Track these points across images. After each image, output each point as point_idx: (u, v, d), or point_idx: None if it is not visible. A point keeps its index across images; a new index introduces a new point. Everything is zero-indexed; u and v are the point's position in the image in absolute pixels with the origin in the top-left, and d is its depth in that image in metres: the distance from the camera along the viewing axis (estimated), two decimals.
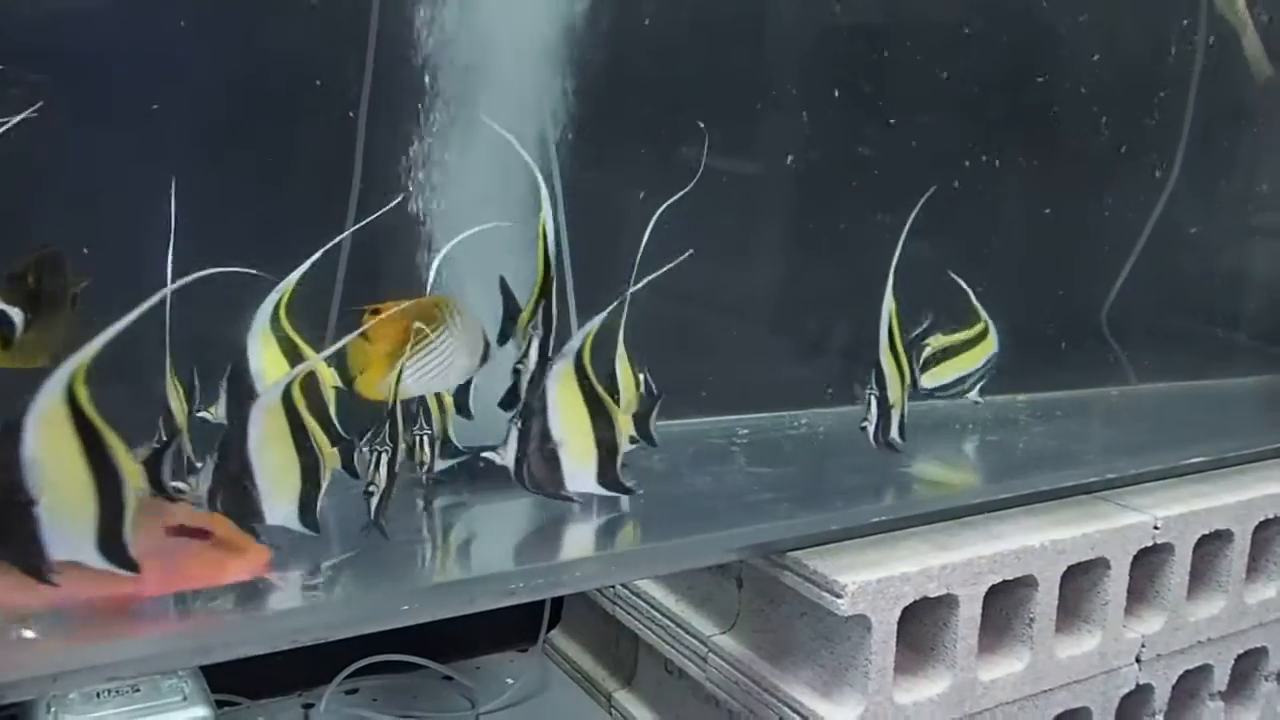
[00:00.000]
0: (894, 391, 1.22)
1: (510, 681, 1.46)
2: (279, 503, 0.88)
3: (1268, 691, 1.46)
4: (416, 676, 1.44)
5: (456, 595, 0.92)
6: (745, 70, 1.42)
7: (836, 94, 1.45)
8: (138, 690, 1.04)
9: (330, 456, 0.93)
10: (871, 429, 1.22)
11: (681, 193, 1.06)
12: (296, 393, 0.89)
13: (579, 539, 1.08)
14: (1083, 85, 1.62)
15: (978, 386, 1.46)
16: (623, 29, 1.30)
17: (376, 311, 0.97)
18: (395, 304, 0.97)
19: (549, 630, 1.53)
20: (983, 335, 1.45)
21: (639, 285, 1.01)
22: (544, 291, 1.08)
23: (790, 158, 1.46)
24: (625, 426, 1.07)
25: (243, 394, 0.94)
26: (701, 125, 1.20)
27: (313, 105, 1.17)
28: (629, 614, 1.33)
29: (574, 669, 1.48)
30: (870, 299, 1.34)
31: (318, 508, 0.91)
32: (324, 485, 0.92)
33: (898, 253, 1.16)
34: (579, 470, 1.03)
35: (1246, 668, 1.44)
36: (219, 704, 1.12)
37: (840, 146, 1.48)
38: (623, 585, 1.31)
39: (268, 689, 1.36)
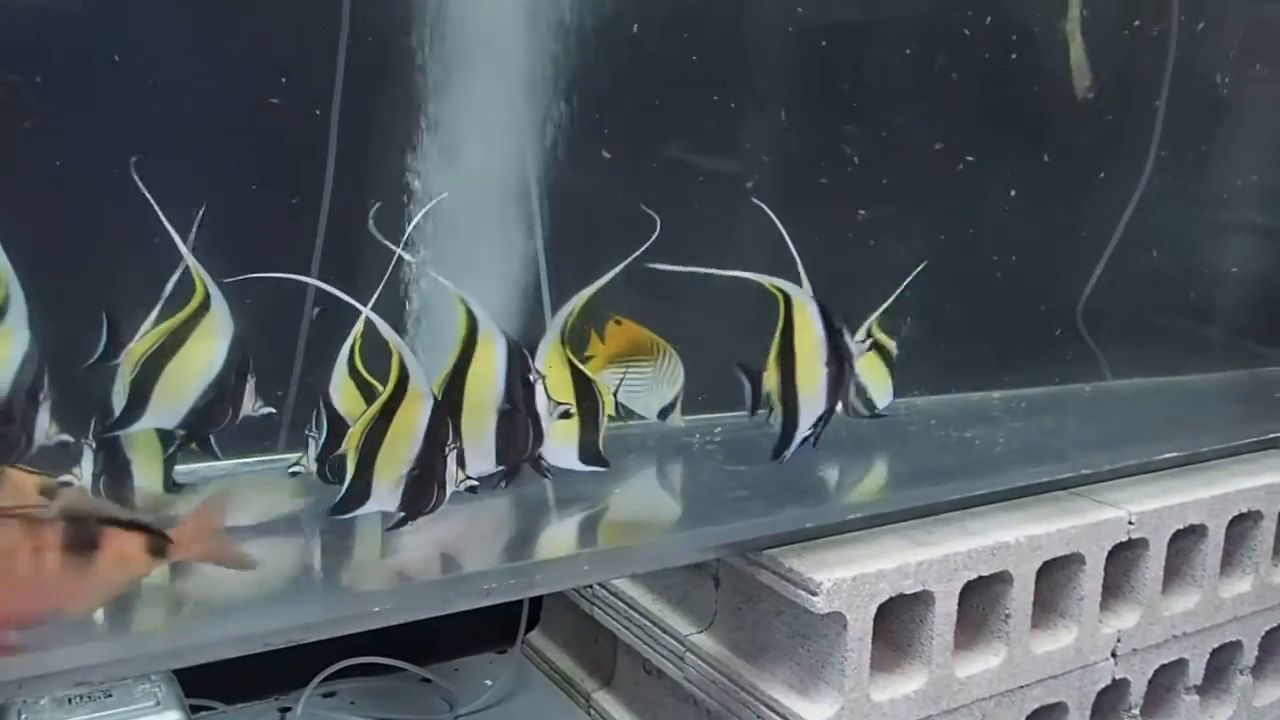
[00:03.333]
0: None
1: (489, 683, 1.45)
2: None
3: (1243, 685, 1.47)
4: (395, 679, 1.43)
5: (431, 596, 0.91)
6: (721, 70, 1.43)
7: (808, 92, 1.46)
8: (110, 695, 1.03)
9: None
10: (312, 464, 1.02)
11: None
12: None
13: (554, 538, 1.07)
14: (1056, 82, 1.63)
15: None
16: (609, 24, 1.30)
17: (619, 322, 1.23)
18: (631, 322, 1.24)
19: (528, 631, 1.52)
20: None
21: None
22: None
23: (766, 157, 1.46)
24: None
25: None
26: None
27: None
28: (607, 614, 1.32)
29: (553, 669, 1.48)
30: (851, 297, 1.34)
31: None
32: None
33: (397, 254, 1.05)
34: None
35: (1222, 662, 1.45)
36: (194, 709, 1.11)
37: (813, 145, 1.48)
38: (600, 585, 1.31)
39: (244, 693, 1.36)
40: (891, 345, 1.34)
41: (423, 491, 0.94)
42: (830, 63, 1.47)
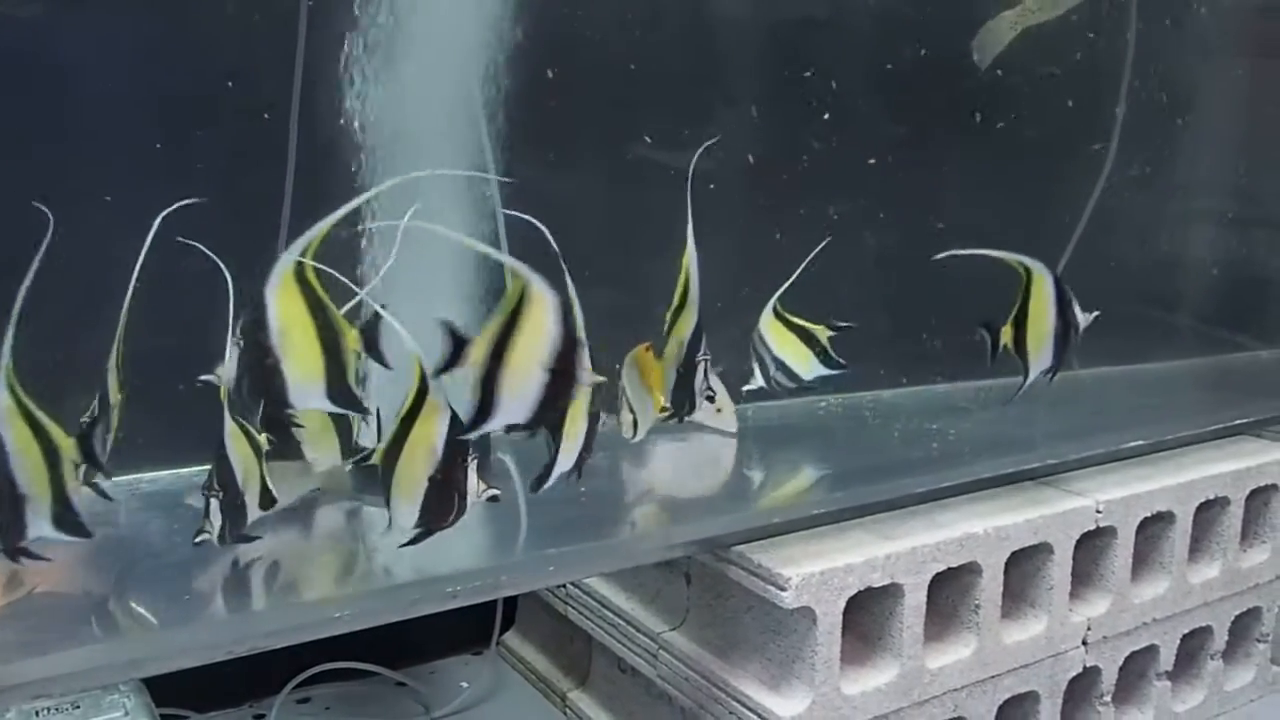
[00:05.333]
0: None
1: (465, 685, 1.45)
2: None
3: (1213, 670, 1.48)
4: (369, 683, 1.43)
5: (395, 600, 0.91)
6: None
7: (771, 83, 1.46)
8: (77, 707, 1.02)
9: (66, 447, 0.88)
10: (215, 534, 0.90)
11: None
12: None
13: (516, 539, 1.07)
14: (1018, 73, 1.63)
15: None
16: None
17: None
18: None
19: (503, 632, 1.52)
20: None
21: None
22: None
23: (722, 153, 1.46)
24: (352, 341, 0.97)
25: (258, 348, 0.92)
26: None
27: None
28: (581, 613, 1.32)
29: (528, 670, 1.48)
30: (814, 291, 1.35)
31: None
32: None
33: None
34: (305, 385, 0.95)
35: (1192, 647, 1.46)
36: (165, 718, 1.10)
37: (773, 137, 1.48)
38: (574, 584, 1.31)
39: (216, 700, 1.35)
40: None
41: (443, 502, 0.90)
42: (790, 54, 1.48)
